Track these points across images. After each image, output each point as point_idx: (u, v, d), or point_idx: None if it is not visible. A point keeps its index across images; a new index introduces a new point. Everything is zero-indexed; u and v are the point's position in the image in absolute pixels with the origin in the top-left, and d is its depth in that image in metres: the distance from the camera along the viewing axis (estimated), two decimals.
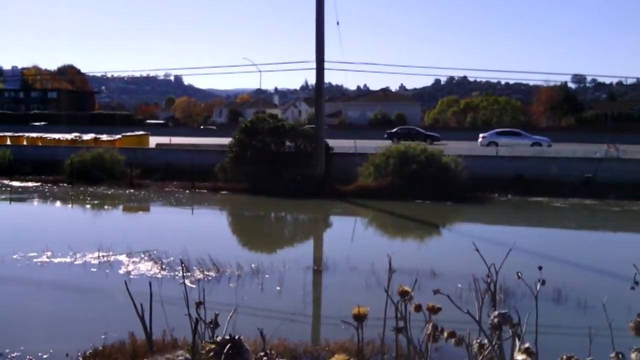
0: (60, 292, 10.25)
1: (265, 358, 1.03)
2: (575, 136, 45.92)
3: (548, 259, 12.09)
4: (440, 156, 22.67)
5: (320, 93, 25.26)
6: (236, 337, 1.06)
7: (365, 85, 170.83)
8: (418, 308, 2.25)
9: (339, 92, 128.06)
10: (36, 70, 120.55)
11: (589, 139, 38.89)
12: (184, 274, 10.48)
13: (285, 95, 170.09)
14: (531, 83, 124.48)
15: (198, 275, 10.64)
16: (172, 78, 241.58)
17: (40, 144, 34.64)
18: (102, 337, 7.21)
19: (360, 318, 2.12)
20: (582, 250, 14.43)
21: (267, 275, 10.86)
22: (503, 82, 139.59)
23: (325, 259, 12.16)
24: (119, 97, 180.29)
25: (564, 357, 1.59)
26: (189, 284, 9.93)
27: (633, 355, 1.64)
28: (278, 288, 10.24)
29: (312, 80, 36.15)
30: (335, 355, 1.69)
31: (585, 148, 30.09)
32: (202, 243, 13.48)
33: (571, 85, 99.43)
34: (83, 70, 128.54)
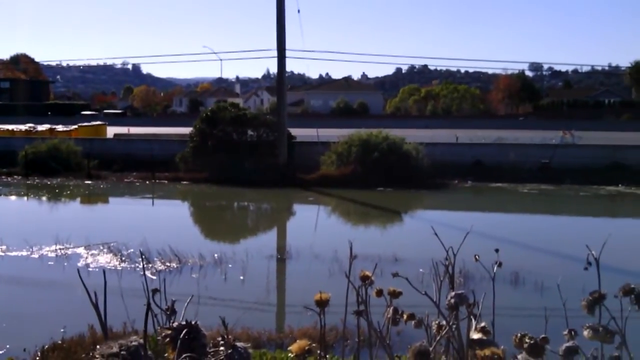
0: (16, 286, 10.00)
1: (222, 342, 1.02)
2: (532, 123, 46.91)
3: (506, 243, 12.37)
4: (402, 144, 22.88)
5: (281, 82, 25.13)
6: (192, 322, 1.04)
7: (327, 74, 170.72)
8: (379, 293, 2.27)
9: (301, 81, 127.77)
10: None
11: (545, 126, 39.79)
12: (144, 265, 10.34)
13: (246, 84, 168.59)
14: (490, 71, 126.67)
15: (159, 266, 10.51)
16: (129, 67, 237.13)
17: None
18: (61, 330, 7.07)
19: (322, 304, 2.12)
20: (539, 234, 14.80)
21: (230, 265, 10.81)
22: (463, 70, 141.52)
23: (288, 247, 12.16)
24: (74, 87, 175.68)
25: (518, 335, 1.63)
26: (149, 276, 9.80)
27: (585, 332, 1.69)
28: (241, 277, 10.21)
29: (273, 69, 35.96)
30: (297, 341, 1.68)
31: (542, 135, 30.78)
32: (163, 234, 13.30)
33: (528, 73, 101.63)
34: (37, 59, 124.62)
